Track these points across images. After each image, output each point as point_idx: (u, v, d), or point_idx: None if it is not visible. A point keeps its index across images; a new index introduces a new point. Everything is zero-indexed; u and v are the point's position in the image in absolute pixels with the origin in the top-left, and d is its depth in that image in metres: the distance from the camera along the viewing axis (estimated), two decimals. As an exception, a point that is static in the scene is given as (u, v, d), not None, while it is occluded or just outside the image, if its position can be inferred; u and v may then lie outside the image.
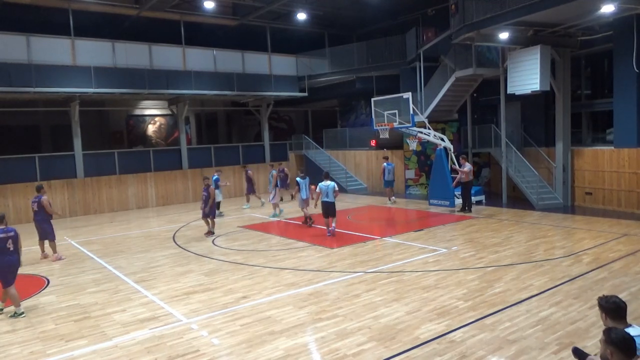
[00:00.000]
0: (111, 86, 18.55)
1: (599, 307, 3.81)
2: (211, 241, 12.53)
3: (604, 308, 3.74)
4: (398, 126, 16.33)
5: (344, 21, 23.74)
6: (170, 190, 21.27)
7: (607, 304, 3.72)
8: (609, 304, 3.71)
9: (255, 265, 9.86)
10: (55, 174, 18.49)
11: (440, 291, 7.61)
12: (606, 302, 3.73)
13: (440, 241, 11.32)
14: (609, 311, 3.70)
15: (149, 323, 6.85)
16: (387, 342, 5.81)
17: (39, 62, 17.07)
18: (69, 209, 18.77)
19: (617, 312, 3.67)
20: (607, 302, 3.73)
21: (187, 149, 21.93)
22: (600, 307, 3.77)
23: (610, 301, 3.72)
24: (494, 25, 13.63)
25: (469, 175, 14.97)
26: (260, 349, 5.81)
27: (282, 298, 7.66)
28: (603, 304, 3.75)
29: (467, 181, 15.01)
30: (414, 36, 20.43)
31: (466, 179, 14.95)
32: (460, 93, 18.87)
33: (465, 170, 14.93)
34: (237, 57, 21.97)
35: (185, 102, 21.38)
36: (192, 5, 20.19)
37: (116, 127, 24.97)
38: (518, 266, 8.87)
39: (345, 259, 10.02)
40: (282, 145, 25.41)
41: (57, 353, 6.00)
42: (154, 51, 19.69)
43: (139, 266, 10.25)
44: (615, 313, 3.67)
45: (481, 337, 5.83)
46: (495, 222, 13.43)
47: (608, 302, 3.72)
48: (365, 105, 24.95)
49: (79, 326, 6.89)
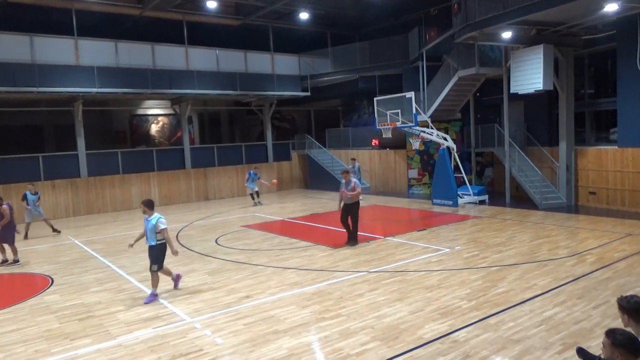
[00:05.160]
0: (114, 86, 18.58)
1: (619, 310, 3.52)
2: (214, 240, 12.55)
3: (625, 309, 3.44)
4: (401, 126, 16.31)
5: (346, 21, 23.72)
6: (174, 190, 21.31)
7: (628, 304, 3.44)
8: (630, 304, 3.42)
9: (258, 264, 9.87)
10: (58, 174, 18.55)
11: (444, 291, 7.61)
12: (627, 302, 3.45)
13: (443, 241, 11.31)
14: (633, 312, 3.41)
15: (152, 322, 6.87)
16: (391, 342, 5.81)
17: (43, 62, 17.12)
18: (73, 209, 18.83)
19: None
20: (628, 302, 3.44)
21: (190, 149, 21.96)
22: (622, 309, 3.48)
23: (632, 301, 3.43)
24: (496, 24, 13.61)
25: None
26: (264, 348, 5.82)
27: (286, 297, 7.67)
28: (624, 304, 3.45)
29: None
30: (416, 35, 20.41)
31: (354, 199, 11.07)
32: (463, 92, 18.85)
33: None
34: (239, 57, 21.99)
35: (188, 102, 21.41)
36: (195, 5, 20.20)
37: (119, 127, 25.01)
38: (521, 266, 8.85)
39: (348, 258, 10.02)
40: (284, 144, 25.43)
41: (62, 352, 6.02)
42: (157, 51, 19.71)
43: (143, 265, 10.24)
44: (639, 314, 3.40)
45: (485, 337, 5.82)
46: (498, 221, 13.41)
47: (630, 302, 3.43)
48: (367, 105, 24.93)
49: (83, 325, 6.91)
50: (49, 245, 13.20)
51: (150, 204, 7.98)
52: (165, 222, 7.89)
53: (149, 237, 7.86)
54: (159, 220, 7.83)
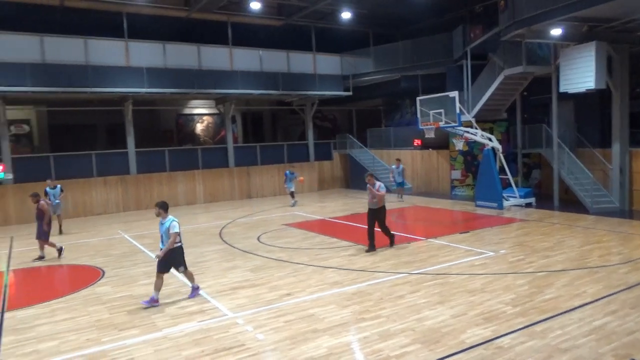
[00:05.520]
0: (162, 86, 19.22)
1: None
2: (256, 238, 12.76)
3: None
4: (444, 125, 16.05)
5: (389, 19, 23.52)
6: (217, 188, 21.81)
7: None
8: None
9: (299, 263, 9.96)
10: (110, 171, 19.39)
11: (487, 295, 7.43)
12: None
13: (487, 244, 11.04)
14: None
15: (196, 316, 7.07)
16: (432, 345, 5.74)
17: (96, 64, 17.93)
18: (123, 204, 19.61)
19: None
20: None
21: (233, 148, 22.41)
22: None
23: None
24: (546, 21, 13.12)
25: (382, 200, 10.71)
26: (304, 346, 5.88)
27: (326, 296, 7.71)
28: None
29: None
30: (460, 34, 20.01)
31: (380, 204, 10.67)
32: (510, 91, 18.31)
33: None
34: (282, 57, 22.24)
35: (231, 102, 21.85)
36: (239, 6, 20.58)
37: (166, 126, 25.83)
38: (570, 272, 8.52)
39: (389, 259, 9.96)
40: (326, 144, 25.52)
41: (111, 341, 6.30)
42: (203, 52, 20.23)
43: (188, 261, 10.41)
44: None
45: (530, 345, 5.65)
46: (546, 225, 12.97)
47: None
48: (410, 105, 24.64)
49: (132, 316, 7.20)
50: (101, 239, 13.80)
51: (165, 206, 7.77)
52: (178, 226, 7.69)
53: (164, 240, 7.72)
54: (172, 223, 7.65)
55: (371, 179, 10.51)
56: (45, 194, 14.63)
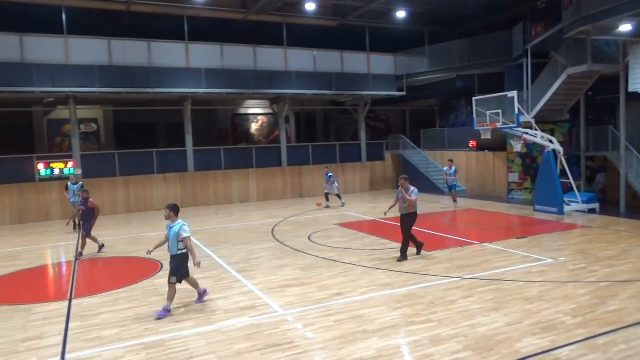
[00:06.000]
0: (219, 86, 19.84)
1: None
2: (307, 237, 12.89)
3: None
4: (501, 127, 15.53)
5: (445, 18, 23.04)
6: (270, 186, 22.21)
7: None
8: None
9: (349, 263, 9.97)
10: (169, 168, 20.22)
11: (545, 304, 7.14)
12: None
13: (546, 250, 10.59)
14: None
15: (248, 311, 7.25)
16: (485, 353, 5.59)
17: (158, 65, 18.77)
18: (181, 201, 20.37)
19: None
20: None
21: (286, 147, 22.73)
22: None
23: None
24: (614, 16, 12.40)
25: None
26: (353, 346, 5.89)
27: (376, 298, 7.68)
28: None
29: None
30: (520, 31, 19.28)
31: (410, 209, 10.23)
32: (573, 91, 17.45)
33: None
34: (336, 57, 22.33)
35: (286, 102, 22.19)
36: (294, 7, 20.85)
37: (223, 125, 26.61)
38: (637, 283, 8.02)
39: (441, 263, 9.78)
40: (378, 144, 25.36)
41: (168, 332, 6.58)
42: (258, 53, 20.68)
43: (240, 257, 10.87)
44: None
45: (591, 358, 5.38)
46: (611, 233, 12.27)
47: None
48: (465, 105, 24.03)
49: (187, 309, 7.49)
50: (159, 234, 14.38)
51: (176, 209, 7.46)
52: (189, 230, 7.44)
53: (171, 245, 7.39)
54: (182, 227, 7.33)
55: (405, 182, 10.04)
56: (67, 188, 15.32)
